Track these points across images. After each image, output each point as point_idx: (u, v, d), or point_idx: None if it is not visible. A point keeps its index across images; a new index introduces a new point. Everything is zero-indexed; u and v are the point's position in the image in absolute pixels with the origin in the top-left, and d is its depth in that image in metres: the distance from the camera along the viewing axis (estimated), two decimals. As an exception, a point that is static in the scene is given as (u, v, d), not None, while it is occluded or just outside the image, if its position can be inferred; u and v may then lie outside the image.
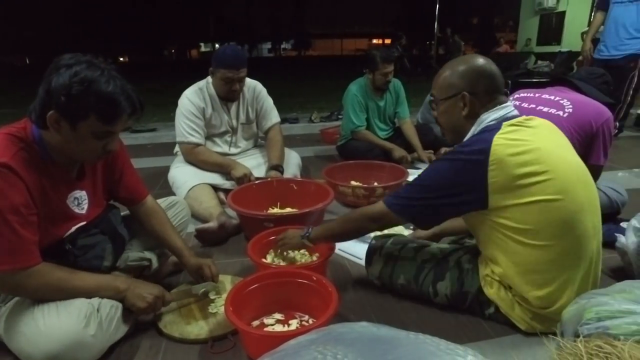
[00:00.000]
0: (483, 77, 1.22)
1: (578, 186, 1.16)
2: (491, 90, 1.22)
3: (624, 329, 0.84)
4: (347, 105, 2.99)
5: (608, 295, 0.96)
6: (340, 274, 1.64)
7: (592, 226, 1.18)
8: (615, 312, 0.88)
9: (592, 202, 1.21)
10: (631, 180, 2.82)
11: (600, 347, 0.73)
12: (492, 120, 1.20)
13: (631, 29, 3.59)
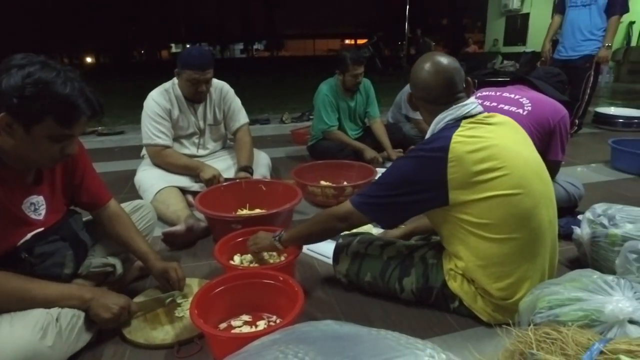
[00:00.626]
0: (435, 86, 1.26)
1: (534, 181, 1.20)
2: (445, 95, 1.25)
3: (571, 316, 0.88)
4: (319, 105, 3.00)
5: (560, 284, 1.01)
6: (308, 274, 1.65)
7: (548, 220, 1.23)
8: (565, 300, 0.92)
9: (548, 197, 1.26)
10: (589, 175, 2.94)
11: (547, 334, 0.76)
12: (452, 117, 1.23)
13: (585, 32, 3.75)
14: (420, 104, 1.33)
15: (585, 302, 0.89)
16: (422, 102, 1.31)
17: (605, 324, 0.85)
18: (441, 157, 1.15)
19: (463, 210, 1.19)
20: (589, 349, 0.69)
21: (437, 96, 1.26)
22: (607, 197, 2.41)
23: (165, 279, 1.41)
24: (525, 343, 0.76)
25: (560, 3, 3.99)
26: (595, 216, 1.62)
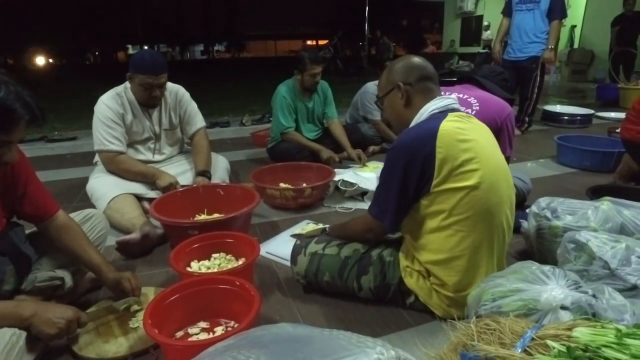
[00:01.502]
0: (413, 67, 1.33)
1: (501, 181, 1.26)
2: (423, 77, 1.32)
3: (512, 306, 0.93)
4: (276, 107, 3.01)
5: (503, 277, 1.06)
6: (267, 277, 1.65)
7: (506, 220, 1.29)
8: (507, 291, 0.97)
9: (510, 198, 1.32)
10: (537, 170, 3.10)
11: (487, 325, 0.80)
12: (436, 109, 1.28)
13: (531, 34, 3.95)
14: (392, 94, 1.35)
15: (524, 292, 0.94)
16: (407, 88, 1.31)
17: (541, 312, 0.90)
18: (430, 139, 1.18)
19: (435, 200, 1.21)
20: (522, 336, 0.74)
21: (417, 76, 1.30)
22: (554, 191, 2.55)
23: (120, 289, 1.37)
24: (468, 335, 0.79)
25: (507, 7, 4.18)
26: (539, 209, 1.70)
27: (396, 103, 1.35)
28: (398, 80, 1.32)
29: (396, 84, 1.33)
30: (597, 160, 3.04)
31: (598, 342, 0.67)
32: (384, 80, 1.38)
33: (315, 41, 34.22)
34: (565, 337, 0.71)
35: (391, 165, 1.24)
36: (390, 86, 1.35)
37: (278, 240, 1.93)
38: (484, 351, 0.72)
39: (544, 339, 0.71)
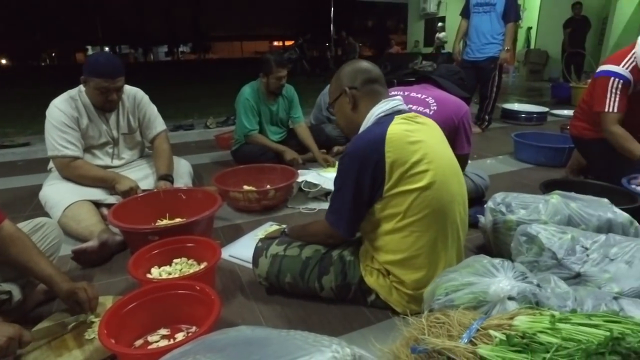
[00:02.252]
0: (358, 71, 1.35)
1: (452, 179, 1.30)
2: (368, 80, 1.34)
3: (464, 299, 0.97)
4: (239, 109, 2.98)
5: (457, 271, 1.09)
6: (230, 280, 1.64)
7: (460, 216, 1.33)
8: (459, 285, 1.01)
9: (462, 194, 1.36)
10: (496, 166, 3.21)
11: (437, 319, 0.83)
12: (382, 112, 1.30)
13: (488, 35, 4.10)
14: (340, 99, 1.37)
15: (475, 286, 0.98)
16: (354, 92, 1.33)
17: (490, 303, 0.94)
18: (378, 145, 1.19)
19: (389, 204, 1.24)
20: (469, 328, 0.77)
21: (362, 79, 1.32)
22: (511, 186, 2.65)
23: (74, 300, 1.32)
24: (419, 329, 0.82)
25: (465, 9, 4.31)
26: (495, 204, 1.77)
27: (345, 108, 1.37)
28: (345, 85, 1.35)
29: (343, 89, 1.35)
30: (550, 155, 3.18)
31: (535, 328, 0.71)
32: (332, 87, 1.41)
33: (282, 42, 34.14)
34: (507, 326, 0.75)
35: (344, 173, 1.26)
36: (338, 92, 1.37)
37: (241, 243, 1.91)
38: (432, 344, 0.74)
39: (488, 329, 0.75)
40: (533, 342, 0.68)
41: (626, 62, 2.28)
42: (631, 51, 2.29)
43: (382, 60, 10.03)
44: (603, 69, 2.35)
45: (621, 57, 2.32)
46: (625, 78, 2.26)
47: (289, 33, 30.31)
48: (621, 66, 2.28)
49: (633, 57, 2.27)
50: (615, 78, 2.27)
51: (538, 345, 0.67)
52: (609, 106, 2.28)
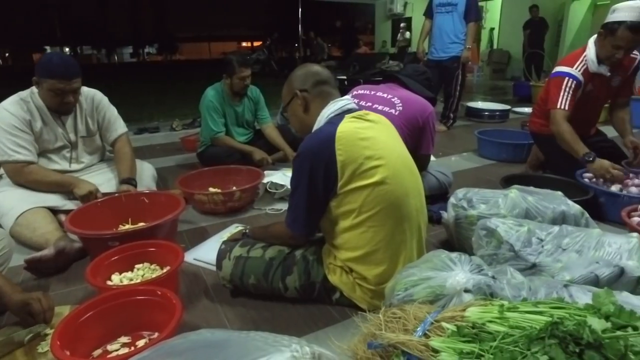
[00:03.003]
0: (308, 74, 1.37)
1: (405, 173, 1.32)
2: (318, 82, 1.36)
3: (422, 293, 0.98)
4: (204, 112, 2.93)
5: (417, 267, 1.11)
6: (194, 284, 1.61)
7: (415, 208, 1.35)
8: (418, 280, 1.03)
9: (416, 188, 1.38)
10: (461, 163, 3.29)
11: (394, 314, 0.84)
12: (332, 113, 1.31)
13: (451, 35, 4.19)
14: (293, 103, 1.39)
15: (432, 280, 1.00)
16: (305, 95, 1.35)
17: (447, 297, 0.96)
18: (329, 143, 1.21)
19: (344, 201, 1.25)
20: (423, 321, 0.78)
21: (312, 82, 1.35)
22: (475, 182, 2.72)
23: (27, 312, 1.26)
24: (376, 325, 0.83)
25: (428, 9, 4.40)
26: (457, 200, 1.81)
27: (297, 111, 1.39)
28: (296, 88, 1.37)
29: (294, 92, 1.36)
30: (511, 151, 3.29)
31: (485, 318, 0.73)
32: (285, 91, 1.42)
33: (250, 43, 33.86)
34: (460, 318, 0.77)
35: (297, 174, 1.27)
36: (290, 95, 1.39)
37: (206, 246, 1.88)
38: (387, 339, 0.75)
39: (442, 322, 0.76)
40: (482, 332, 0.70)
41: (578, 64, 2.39)
42: (583, 54, 2.41)
43: (351, 60, 10.09)
44: (559, 70, 2.45)
45: (574, 59, 2.43)
46: (577, 79, 2.37)
47: (257, 34, 30.08)
48: (574, 68, 2.39)
49: (584, 60, 2.39)
50: (570, 79, 2.38)
51: (487, 335, 0.69)
52: (561, 104, 2.38)
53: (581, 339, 0.60)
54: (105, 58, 37.27)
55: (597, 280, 1.31)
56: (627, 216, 1.85)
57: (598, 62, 2.35)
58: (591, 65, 2.36)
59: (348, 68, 9.09)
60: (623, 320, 0.65)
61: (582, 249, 1.43)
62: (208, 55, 40.39)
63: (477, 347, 0.66)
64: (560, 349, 0.60)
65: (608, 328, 0.64)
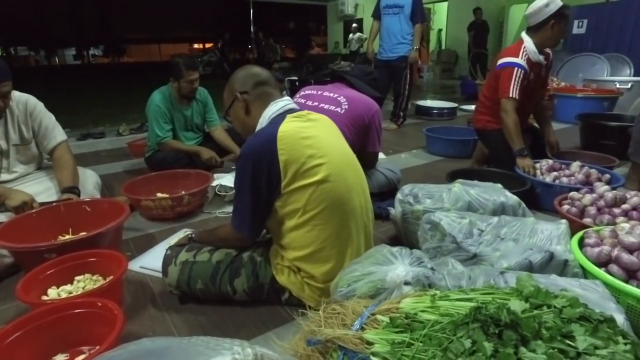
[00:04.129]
0: (248, 76, 1.37)
1: (347, 170, 1.34)
2: (258, 83, 1.36)
3: (364, 288, 1.00)
4: (151, 116, 2.84)
5: (359, 262, 1.13)
6: (140, 293, 1.56)
7: (360, 205, 1.37)
8: (360, 275, 1.05)
9: (360, 185, 1.41)
10: (410, 160, 3.38)
11: (334, 310, 0.86)
12: (274, 113, 1.31)
13: (398, 36, 4.31)
14: (234, 106, 1.38)
15: (373, 275, 1.02)
16: (245, 97, 1.35)
17: (388, 290, 0.99)
18: (270, 144, 1.20)
19: (288, 200, 1.25)
20: (361, 315, 0.80)
21: (252, 83, 1.34)
22: (423, 178, 2.82)
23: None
24: (316, 322, 0.83)
25: (376, 10, 4.50)
26: (403, 196, 1.86)
27: (239, 113, 1.39)
28: (236, 90, 1.36)
29: (235, 94, 1.36)
30: (458, 147, 3.42)
31: (417, 308, 0.76)
32: (225, 94, 1.41)
33: (202, 44, 33.13)
34: (395, 310, 0.79)
35: (240, 175, 1.26)
36: (231, 98, 1.38)
37: (153, 253, 1.82)
38: (324, 334, 0.76)
39: (378, 315, 0.78)
40: (415, 322, 0.73)
41: (521, 54, 2.55)
42: (522, 45, 2.57)
43: (304, 61, 10.12)
44: (507, 61, 2.58)
45: (516, 51, 2.58)
46: (525, 68, 2.54)
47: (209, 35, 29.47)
48: (520, 58, 2.54)
49: (525, 50, 2.55)
50: (519, 68, 2.53)
51: (419, 324, 0.71)
52: (512, 92, 2.52)
53: (500, 320, 0.64)
54: (45, 60, 35.10)
55: (531, 266, 1.39)
56: (558, 204, 1.98)
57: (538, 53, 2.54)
58: (533, 55, 2.54)
59: (301, 69, 9.12)
60: (540, 300, 0.70)
61: (518, 237, 1.51)
62: (158, 57, 39.11)
63: (408, 336, 0.68)
64: (482, 331, 0.64)
65: (527, 308, 0.68)
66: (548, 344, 0.61)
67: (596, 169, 2.41)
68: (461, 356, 0.61)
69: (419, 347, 0.65)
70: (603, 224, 1.75)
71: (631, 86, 5.02)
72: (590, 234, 1.53)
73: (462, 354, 0.61)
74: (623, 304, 1.24)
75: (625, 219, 1.76)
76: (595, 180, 2.28)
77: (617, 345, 0.62)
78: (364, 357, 0.69)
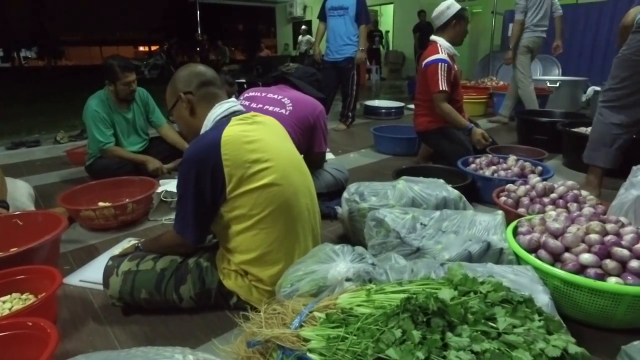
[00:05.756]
0: (192, 75, 1.33)
1: (294, 173, 1.34)
2: (203, 83, 1.33)
3: (307, 287, 1.02)
4: (89, 122, 2.69)
5: (303, 262, 1.15)
6: (80, 308, 1.48)
7: (307, 207, 1.38)
8: (303, 274, 1.06)
9: (306, 186, 1.41)
10: (359, 159, 3.45)
11: (274, 310, 0.86)
12: (219, 115, 1.29)
13: (344, 37, 4.38)
14: (178, 106, 1.34)
15: (316, 273, 1.04)
16: (189, 97, 1.32)
17: (330, 287, 1.01)
18: (214, 148, 1.18)
19: (234, 205, 1.24)
20: (300, 314, 0.81)
21: (197, 83, 1.31)
22: (371, 176, 2.88)
23: None
24: (257, 323, 0.84)
25: (321, 12, 4.54)
26: (350, 195, 1.89)
27: (183, 114, 1.35)
28: (180, 90, 1.33)
29: (178, 94, 1.33)
30: (404, 146, 3.53)
31: (354, 303, 0.78)
32: (168, 93, 1.37)
33: (148, 47, 31.98)
34: (333, 306, 0.81)
35: (183, 180, 1.24)
36: (174, 98, 1.34)
37: (94, 265, 1.74)
38: (263, 335, 0.77)
39: (316, 312, 0.80)
40: (350, 316, 0.75)
41: (441, 50, 2.78)
42: (437, 45, 2.81)
43: (254, 63, 10.03)
44: (431, 59, 2.79)
45: (434, 49, 2.81)
46: (448, 62, 2.75)
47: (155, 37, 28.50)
48: (441, 54, 2.76)
49: (441, 47, 2.79)
50: (442, 63, 2.73)
51: (354, 318, 0.74)
52: (441, 85, 2.72)
53: (428, 309, 0.67)
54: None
55: (470, 256, 1.46)
56: (496, 196, 2.09)
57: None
58: (450, 50, 2.81)
59: (251, 71, 9.04)
60: (468, 287, 0.74)
61: (459, 229, 1.58)
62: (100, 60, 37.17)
63: (343, 330, 0.70)
64: (411, 320, 0.67)
65: (455, 296, 0.72)
66: (473, 327, 0.65)
67: (530, 162, 2.57)
68: (392, 346, 0.64)
69: (353, 340, 0.67)
70: (535, 213, 1.87)
71: (559, 85, 5.41)
72: (522, 223, 1.63)
73: (393, 343, 0.64)
74: (550, 285, 1.34)
75: (554, 207, 1.90)
76: (529, 173, 2.43)
77: (533, 322, 0.67)
78: (300, 354, 0.70)
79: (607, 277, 1.29)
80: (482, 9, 10.44)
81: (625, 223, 1.50)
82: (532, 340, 0.63)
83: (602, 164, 2.30)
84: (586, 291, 1.27)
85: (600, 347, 1.24)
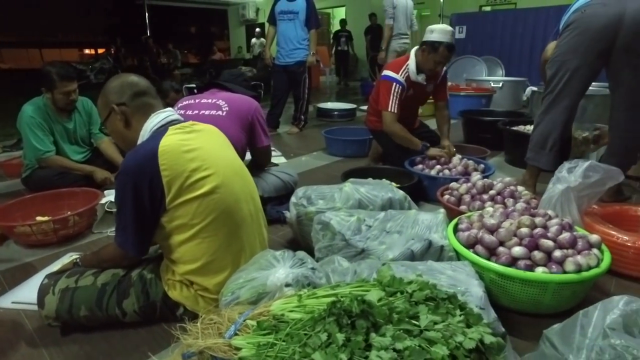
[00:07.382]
0: (124, 86, 1.30)
1: (235, 179, 1.34)
2: (137, 94, 1.30)
3: (247, 294, 1.03)
4: (25, 130, 2.54)
5: (245, 269, 1.15)
6: (11, 332, 1.39)
7: (249, 213, 1.38)
8: (243, 282, 1.06)
9: (249, 193, 1.41)
10: (311, 162, 3.48)
11: (211, 319, 0.86)
12: (155, 126, 1.27)
13: (295, 41, 4.41)
14: (111, 118, 1.30)
15: (255, 280, 1.05)
16: (123, 108, 1.28)
17: (270, 294, 1.02)
18: (151, 159, 1.16)
19: (175, 215, 1.22)
20: (235, 322, 0.82)
21: (130, 93, 1.28)
22: (323, 179, 2.91)
23: None
24: (194, 334, 0.84)
25: (271, 16, 4.55)
26: (297, 199, 1.91)
27: (117, 126, 1.31)
28: (112, 102, 1.29)
29: (111, 106, 1.29)
30: (355, 147, 3.60)
31: (286, 309, 0.80)
32: (99, 105, 1.33)
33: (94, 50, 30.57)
34: (266, 313, 0.82)
35: (121, 192, 1.21)
36: (107, 110, 1.30)
37: (30, 284, 1.64)
38: (197, 346, 0.77)
39: (249, 320, 0.81)
40: (281, 322, 0.76)
41: (402, 71, 2.77)
42: (406, 62, 2.78)
43: (207, 67, 9.86)
44: (388, 74, 2.79)
45: (399, 66, 2.79)
46: (402, 85, 2.75)
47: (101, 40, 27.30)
48: (399, 75, 2.75)
49: (407, 68, 2.77)
50: (397, 84, 2.74)
51: (285, 324, 0.75)
52: (391, 107, 2.73)
53: (352, 311, 0.70)
54: None
55: (412, 255, 1.51)
56: (440, 195, 2.18)
57: (417, 72, 2.75)
58: (412, 75, 2.76)
59: (204, 75, 8.88)
60: (395, 287, 0.78)
61: (402, 229, 1.63)
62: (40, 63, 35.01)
63: (273, 337, 0.72)
64: (337, 323, 0.69)
65: (383, 297, 0.76)
66: (397, 326, 0.69)
67: (473, 160, 2.70)
68: (318, 349, 0.66)
69: (282, 346, 0.69)
70: (475, 210, 1.97)
71: (502, 85, 5.70)
72: (462, 220, 1.71)
73: (319, 347, 0.66)
74: (487, 278, 1.42)
75: (492, 203, 2.01)
76: (473, 171, 2.55)
77: (454, 317, 0.72)
78: (232, 363, 0.71)
79: (535, 267, 1.38)
80: (431, 12, 10.83)
81: (552, 216, 1.61)
82: (450, 334, 0.67)
83: (544, 167, 2.37)
84: (518, 282, 1.36)
85: (531, 333, 1.33)
